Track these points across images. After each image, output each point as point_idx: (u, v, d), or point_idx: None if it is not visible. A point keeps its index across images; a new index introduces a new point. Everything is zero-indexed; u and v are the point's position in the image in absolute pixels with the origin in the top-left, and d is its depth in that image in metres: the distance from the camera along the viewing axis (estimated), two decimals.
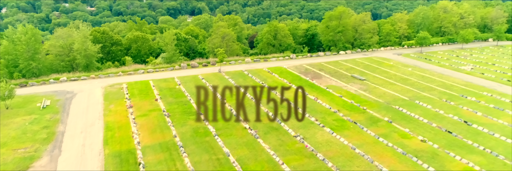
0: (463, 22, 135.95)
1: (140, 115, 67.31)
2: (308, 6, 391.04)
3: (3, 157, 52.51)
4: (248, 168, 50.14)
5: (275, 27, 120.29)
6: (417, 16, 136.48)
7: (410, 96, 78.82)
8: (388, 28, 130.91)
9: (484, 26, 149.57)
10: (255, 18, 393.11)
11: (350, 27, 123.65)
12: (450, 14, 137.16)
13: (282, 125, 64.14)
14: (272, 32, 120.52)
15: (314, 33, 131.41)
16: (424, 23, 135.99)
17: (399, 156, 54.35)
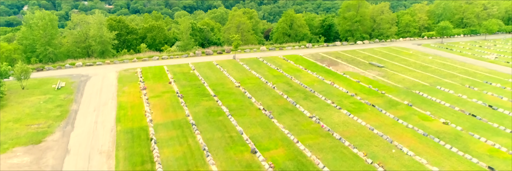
0: (486, 13, 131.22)
1: (153, 96, 66.65)
2: (325, 5, 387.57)
3: (16, 132, 52.45)
4: (261, 146, 48.63)
5: (291, 16, 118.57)
6: (438, 6, 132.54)
7: (430, 82, 75.96)
8: (408, 19, 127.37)
9: (508, 19, 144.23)
10: (271, 16, 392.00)
11: (367, 17, 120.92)
12: (473, 5, 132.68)
13: (297, 106, 62.39)
14: (287, 22, 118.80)
15: (330, 23, 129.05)
16: (445, 14, 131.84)
17: (420, 137, 51.94)
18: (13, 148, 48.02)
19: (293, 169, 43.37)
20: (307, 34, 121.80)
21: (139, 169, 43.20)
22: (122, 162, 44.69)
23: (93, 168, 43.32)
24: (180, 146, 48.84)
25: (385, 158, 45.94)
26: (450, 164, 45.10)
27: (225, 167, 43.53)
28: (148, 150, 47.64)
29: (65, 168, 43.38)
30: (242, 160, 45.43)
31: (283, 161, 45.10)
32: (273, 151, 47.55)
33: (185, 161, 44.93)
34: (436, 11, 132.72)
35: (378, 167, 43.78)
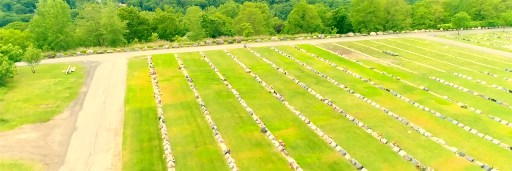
0: (505, 5, 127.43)
1: (162, 80, 65.86)
2: (337, 3, 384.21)
3: (25, 110, 52.13)
4: (272, 125, 47.22)
5: (303, 7, 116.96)
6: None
7: (447, 69, 73.52)
8: (423, 10, 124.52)
9: None
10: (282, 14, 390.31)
11: (381, 8, 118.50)
12: None
13: (309, 90, 60.81)
14: (299, 13, 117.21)
15: (343, 15, 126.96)
16: (462, 6, 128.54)
17: (437, 119, 49.86)
18: (21, 125, 47.64)
19: (305, 147, 41.94)
20: (320, 25, 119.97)
21: (146, 145, 42.26)
22: (129, 139, 43.83)
23: (100, 144, 42.55)
24: (189, 124, 47.79)
25: (400, 139, 44.09)
26: (469, 144, 42.99)
27: (234, 144, 42.26)
28: (156, 128, 46.71)
29: (72, 144, 42.71)
30: (252, 138, 44.12)
31: (294, 140, 43.64)
32: (284, 130, 46.13)
33: (193, 139, 43.83)
34: (453, 3, 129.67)
35: (393, 147, 41.96)
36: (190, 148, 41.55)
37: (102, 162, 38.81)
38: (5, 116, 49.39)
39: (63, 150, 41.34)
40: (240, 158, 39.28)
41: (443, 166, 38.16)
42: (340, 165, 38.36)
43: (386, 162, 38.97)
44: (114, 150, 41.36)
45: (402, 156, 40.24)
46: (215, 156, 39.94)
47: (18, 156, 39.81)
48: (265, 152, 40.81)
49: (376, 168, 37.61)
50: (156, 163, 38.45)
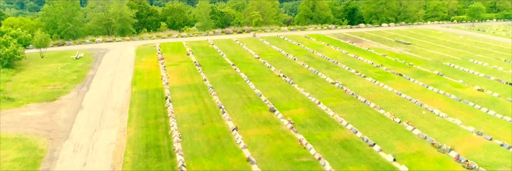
0: None
1: (170, 65, 65.07)
2: None
3: (32, 91, 51.75)
4: (280, 106, 45.95)
5: None
6: None
7: (462, 56, 71.38)
8: (436, 2, 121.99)
9: None
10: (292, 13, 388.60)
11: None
12: None
13: (319, 74, 59.39)
14: (309, 4, 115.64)
15: (354, 7, 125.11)
16: None
17: (452, 101, 48.08)
18: (27, 104, 47.18)
19: (314, 126, 40.60)
20: (330, 17, 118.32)
21: (152, 122, 41.37)
22: (135, 116, 42.99)
23: (105, 121, 41.79)
24: (196, 104, 46.81)
25: (414, 119, 42.43)
26: (487, 124, 41.16)
27: (241, 123, 41.12)
28: (163, 107, 45.83)
29: (77, 121, 42.05)
30: (260, 117, 42.92)
31: (303, 119, 42.31)
32: (293, 110, 44.83)
33: (200, 117, 42.81)
34: None
35: (407, 126, 40.36)
36: (197, 125, 40.57)
37: (107, 137, 38.03)
38: (12, 95, 49.05)
39: (68, 126, 40.70)
40: (247, 135, 38.14)
41: (459, 144, 36.48)
42: (351, 142, 36.96)
43: (400, 140, 37.44)
44: (120, 126, 40.58)
45: (416, 134, 38.66)
46: (222, 132, 38.88)
47: (23, 131, 39.26)
48: (274, 129, 39.61)
49: (389, 146, 36.13)
50: (161, 139, 37.53)
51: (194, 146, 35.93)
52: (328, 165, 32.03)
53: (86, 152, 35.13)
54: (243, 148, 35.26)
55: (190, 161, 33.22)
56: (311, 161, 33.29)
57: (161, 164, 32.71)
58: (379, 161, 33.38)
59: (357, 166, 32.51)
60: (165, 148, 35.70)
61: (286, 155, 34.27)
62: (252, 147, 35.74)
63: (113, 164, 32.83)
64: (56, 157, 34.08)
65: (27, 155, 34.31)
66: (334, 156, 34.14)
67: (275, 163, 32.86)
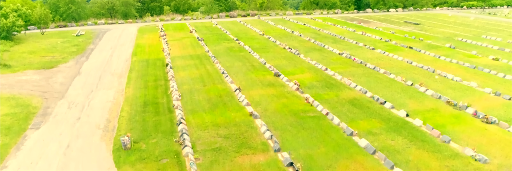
0: None
1: (172, 40, 63.39)
2: None
3: (30, 60, 50.24)
4: (286, 71, 43.93)
5: None
6: None
7: (474, 34, 68.93)
8: None
9: None
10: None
11: None
12: None
13: (325, 47, 57.36)
14: None
15: None
16: None
17: (466, 68, 45.79)
18: (24, 70, 45.65)
19: (321, 87, 38.57)
20: (337, 3, 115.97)
21: (151, 84, 39.59)
22: (134, 80, 41.26)
23: (103, 84, 40.08)
24: (197, 70, 45.01)
25: (427, 82, 40.22)
26: (504, 87, 38.82)
27: (245, 85, 39.20)
28: (163, 72, 44.08)
29: (74, 84, 40.40)
30: (264, 80, 40.99)
31: (310, 82, 40.30)
32: (299, 75, 42.82)
33: (201, 80, 40.97)
34: None
35: (420, 87, 38.18)
36: (198, 87, 38.74)
37: (104, 96, 36.30)
38: (8, 63, 47.62)
39: (64, 88, 39.05)
40: (251, 95, 36.21)
41: (476, 102, 34.21)
42: (360, 100, 34.88)
43: (412, 99, 35.28)
44: (117, 88, 38.85)
45: (429, 94, 36.46)
46: (224, 92, 36.99)
47: (17, 92, 37.67)
48: (278, 90, 37.64)
49: (401, 103, 33.98)
50: (160, 97, 35.73)
51: (195, 103, 34.11)
52: (337, 119, 29.99)
53: (81, 108, 33.42)
54: (246, 105, 33.35)
55: (189, 115, 31.37)
56: (318, 116, 31.27)
57: (159, 118, 30.90)
58: (391, 116, 31.26)
59: (367, 120, 30.44)
60: (164, 105, 33.91)
61: (292, 111, 32.30)
62: (256, 104, 33.82)
63: (109, 118, 31.06)
64: (50, 113, 32.42)
65: (20, 111, 32.67)
66: (343, 112, 32.09)
67: (280, 118, 30.88)
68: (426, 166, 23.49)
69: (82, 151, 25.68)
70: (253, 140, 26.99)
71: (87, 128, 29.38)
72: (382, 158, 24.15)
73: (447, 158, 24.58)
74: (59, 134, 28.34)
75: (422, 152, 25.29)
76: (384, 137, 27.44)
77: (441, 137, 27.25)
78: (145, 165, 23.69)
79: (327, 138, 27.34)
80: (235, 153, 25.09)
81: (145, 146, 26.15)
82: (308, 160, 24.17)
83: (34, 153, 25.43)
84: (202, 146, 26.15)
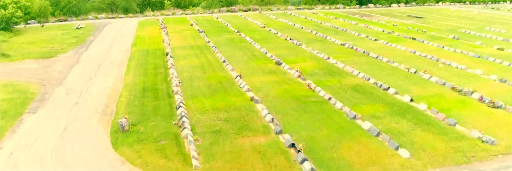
0: None
1: (172, 32, 62.88)
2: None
3: (29, 50, 49.77)
4: (287, 60, 43.22)
5: None
6: None
7: (478, 26, 68.16)
8: None
9: None
10: None
11: None
12: None
13: (327, 38, 56.74)
14: None
15: None
16: None
17: (471, 58, 45.04)
18: (22, 59, 45.15)
19: (323, 75, 37.92)
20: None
21: (151, 72, 39.02)
22: (133, 68, 40.70)
23: (102, 72, 39.46)
24: (197, 59, 44.46)
25: (431, 70, 39.51)
26: (510, 75, 38.08)
27: (246, 72, 38.56)
28: (163, 61, 43.53)
29: (73, 72, 39.82)
30: (265, 68, 40.37)
31: (312, 70, 39.66)
32: (301, 63, 42.18)
33: (201, 68, 40.39)
34: None
35: (423, 75, 37.49)
36: (198, 74, 38.16)
37: (102, 83, 35.74)
38: (7, 52, 47.16)
39: (62, 76, 38.49)
40: (252, 81, 35.61)
41: (482, 89, 33.49)
42: (363, 87, 34.23)
43: (417, 85, 34.60)
44: (117, 75, 38.31)
45: (433, 81, 35.80)
46: (224, 79, 36.40)
47: (14, 79, 37.16)
48: (280, 77, 37.02)
49: (405, 89, 33.28)
50: (160, 83, 35.18)
51: (194, 89, 33.53)
52: (339, 103, 29.35)
53: (79, 94, 32.87)
54: (247, 91, 32.74)
55: (189, 100, 30.79)
56: (320, 101, 30.64)
57: (158, 103, 30.33)
58: (394, 101, 30.60)
59: (371, 105, 29.78)
60: (163, 90, 33.33)
61: (293, 96, 31.68)
62: (257, 90, 33.21)
63: (107, 103, 30.50)
64: (47, 98, 31.88)
65: (17, 96, 32.15)
66: (346, 97, 31.45)
67: (281, 102, 30.26)
68: (432, 148, 22.84)
69: (79, 133, 25.12)
70: (253, 123, 26.38)
71: (84, 112, 28.83)
72: (387, 140, 23.52)
73: (453, 139, 23.93)
74: (56, 117, 27.80)
75: (427, 134, 24.64)
76: (388, 120, 26.79)
77: (447, 120, 26.56)
78: (143, 146, 23.11)
79: (329, 121, 26.72)
80: (235, 135, 24.49)
81: (144, 128, 25.58)
82: (310, 141, 23.56)
83: (30, 135, 24.88)
84: (201, 128, 25.55)
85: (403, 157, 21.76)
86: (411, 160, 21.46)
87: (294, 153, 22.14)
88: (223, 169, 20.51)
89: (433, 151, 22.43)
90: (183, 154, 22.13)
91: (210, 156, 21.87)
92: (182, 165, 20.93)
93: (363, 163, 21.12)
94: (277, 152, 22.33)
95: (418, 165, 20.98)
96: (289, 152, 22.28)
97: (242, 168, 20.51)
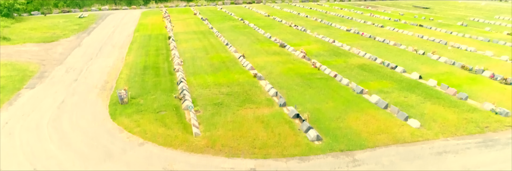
0: None
1: (176, 20, 62.15)
2: None
3: (30, 35, 49.20)
4: (291, 43, 42.32)
5: None
6: None
7: (486, 15, 66.83)
8: None
9: None
10: None
11: None
12: None
13: (332, 25, 55.73)
14: None
15: None
16: None
17: (480, 42, 43.85)
18: (24, 43, 44.58)
19: (329, 56, 36.96)
20: None
21: (152, 53, 38.26)
22: (134, 50, 39.97)
23: (103, 54, 38.73)
24: (200, 42, 43.70)
25: (440, 52, 38.44)
26: None
27: (249, 53, 37.66)
28: (165, 44, 42.79)
29: (73, 54, 39.10)
30: (269, 50, 39.49)
31: (317, 51, 38.72)
32: (305, 46, 41.20)
33: (204, 50, 39.59)
34: None
35: (432, 56, 36.43)
36: (201, 55, 37.35)
37: (103, 63, 35.02)
38: (8, 36, 46.66)
39: (63, 57, 37.80)
40: (255, 61, 34.73)
41: (493, 68, 32.37)
42: (370, 66, 33.24)
43: (425, 65, 33.56)
44: (118, 56, 37.58)
45: (443, 61, 34.74)
46: (227, 59, 35.57)
47: (14, 59, 36.52)
48: (284, 58, 36.12)
49: (414, 68, 32.21)
50: (161, 63, 34.41)
51: (197, 67, 32.72)
52: (346, 80, 28.38)
53: (78, 72, 32.17)
54: (250, 69, 31.86)
55: (191, 77, 29.96)
56: (326, 78, 29.71)
57: (159, 79, 29.53)
58: (403, 78, 29.59)
59: (378, 81, 28.80)
60: (165, 69, 32.56)
61: (298, 73, 30.78)
62: (260, 68, 32.33)
63: (107, 80, 29.76)
64: (46, 76, 31.19)
65: (16, 74, 31.49)
66: (352, 75, 30.48)
67: (285, 79, 29.35)
68: (443, 118, 21.85)
69: (77, 105, 24.39)
70: (257, 96, 25.52)
71: (84, 87, 28.11)
72: (395, 111, 22.55)
73: (465, 111, 22.91)
74: (54, 92, 27.10)
75: (438, 107, 23.65)
76: (396, 95, 25.82)
77: (458, 94, 25.53)
78: (142, 116, 22.32)
79: (335, 95, 25.79)
80: (238, 107, 23.63)
81: (143, 101, 24.80)
82: (316, 112, 22.64)
83: (26, 107, 24.19)
84: (203, 101, 24.73)
85: (412, 126, 20.80)
86: (421, 129, 20.50)
87: (298, 123, 21.26)
88: (225, 137, 19.67)
89: (445, 122, 21.44)
90: (183, 123, 21.32)
91: (211, 125, 21.02)
92: (182, 133, 20.12)
93: (371, 131, 20.18)
94: (281, 122, 21.45)
95: (429, 134, 20.01)
96: (293, 122, 21.39)
97: (244, 136, 19.66)
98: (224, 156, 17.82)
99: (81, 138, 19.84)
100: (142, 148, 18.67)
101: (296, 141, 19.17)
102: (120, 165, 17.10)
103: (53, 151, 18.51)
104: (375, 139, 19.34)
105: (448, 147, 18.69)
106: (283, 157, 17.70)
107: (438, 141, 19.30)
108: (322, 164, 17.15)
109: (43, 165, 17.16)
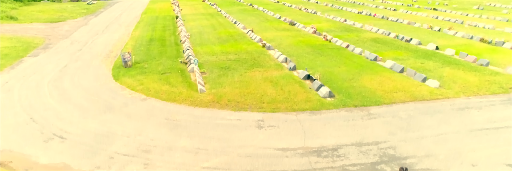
0: None
1: (184, 5, 61.36)
2: None
3: (38, 16, 48.84)
4: (301, 21, 41.08)
5: None
6: None
7: (502, 2, 64.75)
8: None
9: None
10: None
11: None
12: None
13: (343, 8, 54.30)
14: None
15: None
16: None
17: (498, 21, 41.99)
18: (31, 22, 44.19)
19: (340, 32, 35.75)
20: None
21: (159, 29, 37.45)
22: (141, 27, 39.18)
23: (109, 30, 38.06)
24: (208, 21, 42.78)
25: (457, 29, 36.90)
26: None
27: (258, 29, 36.62)
28: (173, 22, 41.99)
29: (79, 31, 38.47)
30: (279, 27, 38.43)
31: (328, 28, 37.54)
32: (316, 24, 39.99)
33: (211, 26, 38.67)
34: None
35: (448, 31, 34.98)
36: (208, 30, 36.45)
37: (109, 37, 34.30)
38: (16, 16, 46.32)
39: (69, 33, 37.18)
40: (264, 35, 33.64)
41: None
42: (383, 39, 31.95)
43: (442, 39, 32.14)
44: (124, 32, 36.84)
45: (460, 36, 33.28)
46: (235, 33, 34.59)
47: (20, 35, 36.03)
48: (294, 33, 35.01)
49: (429, 41, 30.80)
50: (168, 36, 33.58)
51: (204, 40, 31.79)
52: (358, 49, 27.15)
53: (84, 44, 31.47)
54: (259, 41, 30.86)
55: (198, 47, 29.04)
56: (337, 48, 28.52)
57: (165, 49, 28.65)
58: (418, 49, 28.27)
59: (392, 51, 27.51)
60: (171, 41, 31.71)
61: (308, 44, 29.65)
62: (269, 41, 31.27)
63: (112, 50, 28.97)
64: (51, 47, 30.51)
65: (20, 45, 30.90)
66: (365, 46, 29.20)
67: (295, 49, 28.23)
68: (464, 80, 20.54)
69: (80, 69, 23.61)
70: (265, 62, 24.45)
71: (88, 55, 27.37)
72: (412, 74, 21.29)
73: (487, 75, 21.56)
74: (57, 59, 26.39)
75: (457, 71, 22.31)
76: (412, 61, 24.52)
77: (478, 61, 24.15)
78: (146, 76, 21.43)
79: (348, 61, 24.59)
80: (246, 70, 22.58)
81: (148, 65, 23.92)
82: (328, 74, 21.49)
83: (28, 70, 23.47)
84: (209, 65, 23.73)
85: (431, 86, 19.55)
86: (441, 89, 19.23)
87: (309, 83, 20.15)
88: (232, 93, 18.65)
89: (465, 83, 20.13)
90: (188, 82, 20.37)
91: (217, 84, 20.03)
92: (187, 90, 19.16)
93: (386, 90, 18.97)
94: (291, 82, 20.36)
95: (449, 93, 18.74)
96: (304, 82, 20.29)
97: (252, 93, 18.62)
98: (230, 110, 16.80)
99: (82, 94, 19.01)
100: (145, 103, 17.75)
101: (307, 97, 18.07)
102: (120, 116, 16.20)
103: (51, 104, 17.70)
104: (391, 96, 18.13)
105: (470, 104, 17.41)
106: (293, 111, 16.62)
107: (459, 99, 18.02)
108: (335, 117, 16.02)
109: (41, 116, 16.35)
